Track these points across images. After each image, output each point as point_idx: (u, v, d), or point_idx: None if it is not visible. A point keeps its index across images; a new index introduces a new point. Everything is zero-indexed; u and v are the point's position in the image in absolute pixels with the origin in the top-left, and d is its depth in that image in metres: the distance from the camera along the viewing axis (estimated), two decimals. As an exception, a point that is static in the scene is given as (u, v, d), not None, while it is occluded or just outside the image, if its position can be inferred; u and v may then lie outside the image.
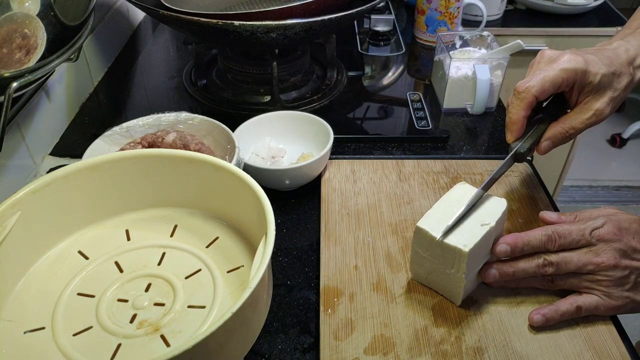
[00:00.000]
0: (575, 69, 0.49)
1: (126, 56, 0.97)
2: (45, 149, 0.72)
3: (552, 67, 0.50)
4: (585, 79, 0.50)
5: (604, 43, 0.56)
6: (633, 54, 0.53)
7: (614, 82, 0.51)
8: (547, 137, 0.53)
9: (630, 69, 0.53)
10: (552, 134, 0.53)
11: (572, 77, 0.49)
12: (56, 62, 0.52)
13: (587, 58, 0.50)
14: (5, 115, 0.49)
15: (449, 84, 0.78)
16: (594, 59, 0.51)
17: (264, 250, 0.38)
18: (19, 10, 0.46)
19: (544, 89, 0.49)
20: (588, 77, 0.50)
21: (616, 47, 0.54)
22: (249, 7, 0.89)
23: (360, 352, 0.47)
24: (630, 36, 0.55)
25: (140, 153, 0.48)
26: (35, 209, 0.44)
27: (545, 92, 0.50)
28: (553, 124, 0.53)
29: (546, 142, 0.53)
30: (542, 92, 0.49)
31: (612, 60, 0.51)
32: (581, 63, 0.49)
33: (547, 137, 0.53)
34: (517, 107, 0.51)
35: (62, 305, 0.43)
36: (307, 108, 0.80)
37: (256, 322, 0.40)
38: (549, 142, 0.53)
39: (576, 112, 0.52)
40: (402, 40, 1.03)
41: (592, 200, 2.04)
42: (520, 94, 0.50)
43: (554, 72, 0.49)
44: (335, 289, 0.52)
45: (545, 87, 0.49)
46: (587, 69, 0.49)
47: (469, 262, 0.47)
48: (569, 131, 0.52)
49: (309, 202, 0.65)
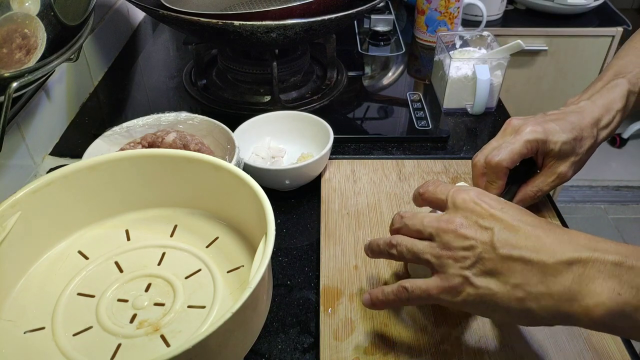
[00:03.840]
0: (537, 140, 0.54)
1: (126, 56, 0.97)
2: (45, 149, 0.72)
3: (516, 139, 0.55)
4: (547, 147, 0.55)
5: (573, 99, 0.59)
6: (597, 115, 0.56)
7: (575, 148, 0.55)
8: (518, 199, 0.58)
9: (594, 131, 0.56)
10: (522, 197, 0.58)
11: (534, 146, 0.55)
12: (56, 62, 0.52)
13: (547, 128, 0.55)
14: (5, 115, 0.49)
15: (449, 84, 0.78)
16: (555, 127, 0.55)
17: (264, 250, 0.38)
18: (19, 10, 0.46)
19: (513, 160, 0.54)
20: (549, 146, 0.54)
21: (582, 109, 0.57)
22: (249, 7, 0.89)
23: (360, 352, 0.47)
24: (598, 94, 0.58)
25: (140, 153, 0.48)
26: (35, 209, 0.44)
27: (514, 162, 0.55)
28: (523, 186, 0.58)
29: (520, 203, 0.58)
30: (512, 163, 0.54)
31: (574, 126, 0.55)
32: (541, 134, 0.54)
33: (518, 200, 0.58)
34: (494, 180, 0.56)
35: (62, 305, 0.43)
36: (307, 108, 0.80)
37: (256, 322, 0.40)
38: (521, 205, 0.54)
39: (542, 175, 0.57)
40: (402, 40, 1.03)
41: (592, 200, 2.04)
42: (495, 169, 0.55)
43: (519, 144, 0.54)
44: (335, 289, 0.52)
45: (514, 159, 0.54)
46: (547, 139, 0.54)
47: None
48: (537, 193, 0.57)
49: (309, 202, 0.65)
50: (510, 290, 0.38)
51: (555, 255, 0.37)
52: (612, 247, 0.37)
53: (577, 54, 1.40)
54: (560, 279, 0.37)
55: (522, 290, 0.38)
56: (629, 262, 0.36)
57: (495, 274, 0.39)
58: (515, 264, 0.38)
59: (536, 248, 0.38)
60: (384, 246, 0.45)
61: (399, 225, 0.45)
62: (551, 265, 0.37)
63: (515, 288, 0.38)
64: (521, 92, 1.52)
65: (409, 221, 0.44)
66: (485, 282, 0.39)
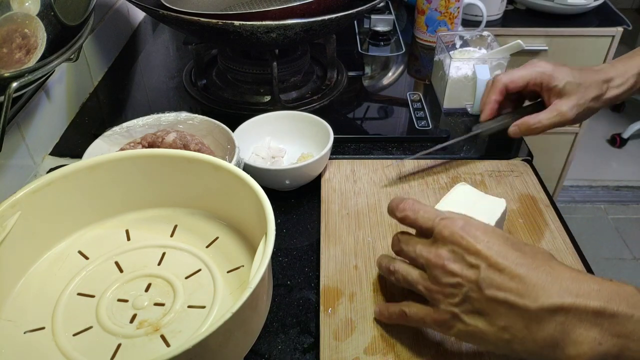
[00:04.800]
0: (543, 72, 0.60)
1: (126, 56, 0.97)
2: (45, 149, 0.72)
3: (525, 67, 0.61)
4: (551, 82, 0.60)
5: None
6: (612, 74, 0.61)
7: (580, 91, 0.59)
8: (516, 123, 0.63)
9: (603, 86, 0.60)
10: (521, 122, 0.62)
11: (538, 77, 0.60)
12: (56, 62, 0.52)
13: (558, 67, 0.60)
14: (5, 115, 0.49)
15: (449, 84, 0.78)
16: (565, 69, 0.60)
17: (264, 250, 0.38)
18: (19, 10, 0.46)
19: (512, 80, 0.60)
20: (553, 81, 0.59)
21: (599, 68, 0.61)
22: (249, 7, 0.89)
23: (360, 352, 0.47)
24: (619, 60, 0.63)
25: (140, 153, 0.48)
26: (35, 209, 0.44)
27: (514, 83, 0.60)
28: (526, 116, 0.63)
29: (514, 128, 0.63)
30: (511, 82, 0.60)
31: (583, 75, 0.60)
32: (549, 69, 0.60)
33: (516, 124, 0.63)
34: (488, 92, 0.63)
35: (62, 305, 0.43)
36: (307, 108, 0.80)
37: (256, 322, 0.40)
38: (516, 128, 0.63)
39: (545, 110, 0.61)
40: (402, 40, 1.03)
41: (592, 200, 2.04)
42: (493, 82, 0.62)
43: (525, 70, 0.61)
44: (335, 289, 0.52)
45: (514, 79, 0.60)
46: (552, 74, 0.60)
47: None
48: (535, 124, 0.61)
49: (309, 202, 0.65)
50: (497, 332, 0.39)
51: (538, 300, 0.37)
52: (594, 289, 0.37)
53: (577, 54, 1.39)
54: (543, 326, 0.37)
55: (508, 332, 0.39)
56: (610, 308, 0.36)
57: (483, 314, 0.40)
58: (500, 307, 0.39)
59: (520, 292, 0.38)
60: (385, 271, 0.48)
61: (397, 248, 0.46)
62: (534, 312, 0.37)
63: (502, 330, 0.39)
64: (521, 92, 1.52)
65: (404, 246, 0.45)
66: (474, 321, 0.40)
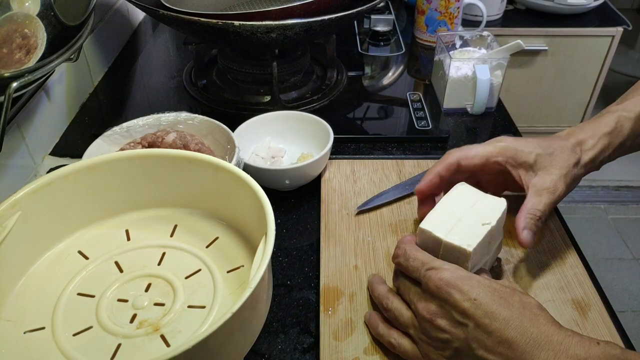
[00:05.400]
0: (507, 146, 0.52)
1: (126, 56, 0.97)
2: (45, 149, 0.72)
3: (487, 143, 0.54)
4: (518, 157, 0.51)
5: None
6: (581, 137, 0.53)
7: (555, 161, 0.51)
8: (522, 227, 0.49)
9: (576, 149, 0.52)
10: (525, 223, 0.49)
11: (501, 152, 0.52)
12: (56, 62, 0.52)
13: (523, 141, 0.52)
14: (5, 115, 0.49)
15: (449, 84, 0.78)
16: (531, 141, 0.52)
17: (264, 250, 0.38)
18: (19, 10, 0.46)
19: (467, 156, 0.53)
20: (521, 156, 0.51)
21: (568, 134, 0.54)
22: (249, 7, 0.89)
23: (360, 352, 0.47)
24: (588, 124, 0.55)
25: (140, 153, 0.48)
26: (35, 209, 0.44)
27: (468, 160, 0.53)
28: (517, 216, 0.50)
29: (525, 232, 0.49)
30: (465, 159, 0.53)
31: (552, 144, 0.52)
32: (514, 143, 0.52)
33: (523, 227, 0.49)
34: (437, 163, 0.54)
35: (62, 305, 0.43)
36: (307, 108, 0.80)
37: (256, 322, 0.40)
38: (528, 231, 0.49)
39: (529, 195, 0.51)
40: (402, 40, 1.03)
41: (592, 200, 2.04)
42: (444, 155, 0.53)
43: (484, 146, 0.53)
44: (335, 289, 0.52)
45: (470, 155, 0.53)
46: (518, 147, 0.52)
47: (472, 261, 0.47)
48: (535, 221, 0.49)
49: (309, 202, 0.65)
50: None
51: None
52: (582, 352, 0.37)
53: (577, 54, 1.40)
54: None
55: None
56: None
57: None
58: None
59: (509, 358, 0.38)
60: (379, 304, 0.48)
61: (396, 284, 0.48)
62: None
63: None
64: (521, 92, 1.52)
65: (401, 287, 0.46)
66: None
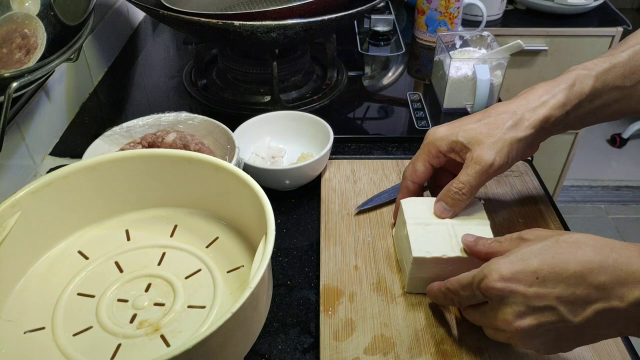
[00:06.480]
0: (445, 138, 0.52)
1: (126, 56, 0.97)
2: (45, 149, 0.72)
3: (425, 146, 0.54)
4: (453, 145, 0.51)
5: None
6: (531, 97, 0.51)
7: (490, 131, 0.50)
8: (438, 198, 0.51)
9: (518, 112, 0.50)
10: (442, 195, 0.51)
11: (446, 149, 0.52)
12: (56, 62, 0.52)
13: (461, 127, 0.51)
14: (5, 115, 0.49)
15: (449, 84, 0.78)
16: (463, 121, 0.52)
17: (264, 250, 0.38)
18: (19, 10, 0.46)
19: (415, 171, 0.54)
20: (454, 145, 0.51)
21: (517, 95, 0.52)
22: (249, 7, 0.89)
23: (360, 352, 0.47)
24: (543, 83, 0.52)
25: (140, 153, 0.48)
26: (35, 209, 0.44)
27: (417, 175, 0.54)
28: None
29: (438, 204, 0.51)
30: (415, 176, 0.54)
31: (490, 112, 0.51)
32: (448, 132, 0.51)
33: (438, 199, 0.51)
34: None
35: (62, 305, 0.43)
36: (307, 108, 0.80)
37: (256, 322, 0.40)
38: (441, 204, 0.51)
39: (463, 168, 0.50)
40: (402, 40, 1.03)
41: (592, 200, 2.04)
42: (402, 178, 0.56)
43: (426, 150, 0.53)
44: (335, 289, 0.52)
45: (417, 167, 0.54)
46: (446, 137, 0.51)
47: None
48: (461, 189, 0.50)
49: (309, 202, 0.65)
50: None
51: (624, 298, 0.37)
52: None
53: (577, 54, 1.39)
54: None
55: None
56: None
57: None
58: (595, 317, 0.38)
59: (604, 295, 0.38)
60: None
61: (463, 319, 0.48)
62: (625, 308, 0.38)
63: None
64: (521, 92, 1.52)
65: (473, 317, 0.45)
66: None
